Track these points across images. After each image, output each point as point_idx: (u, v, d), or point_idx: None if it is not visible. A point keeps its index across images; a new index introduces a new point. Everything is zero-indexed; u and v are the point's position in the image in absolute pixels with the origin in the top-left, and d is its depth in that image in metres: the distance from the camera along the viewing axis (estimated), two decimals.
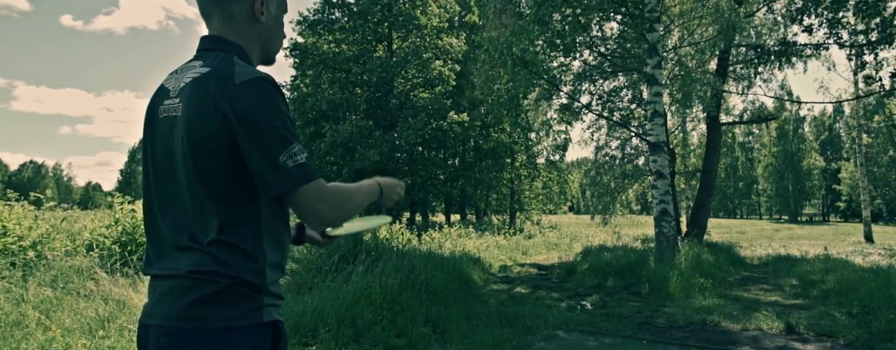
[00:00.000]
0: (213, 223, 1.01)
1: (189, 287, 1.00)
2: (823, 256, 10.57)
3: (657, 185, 8.98)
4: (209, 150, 1.00)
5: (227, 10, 1.11)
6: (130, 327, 3.29)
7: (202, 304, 0.99)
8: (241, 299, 1.01)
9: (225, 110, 0.98)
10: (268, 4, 1.14)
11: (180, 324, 1.00)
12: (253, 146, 0.98)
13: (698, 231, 12.21)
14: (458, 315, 5.25)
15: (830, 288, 7.07)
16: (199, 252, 1.01)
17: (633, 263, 8.41)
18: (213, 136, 0.99)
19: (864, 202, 20.14)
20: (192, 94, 1.03)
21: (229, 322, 0.99)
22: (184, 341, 0.99)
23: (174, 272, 1.03)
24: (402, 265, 5.65)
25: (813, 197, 54.23)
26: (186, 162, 1.03)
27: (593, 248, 11.90)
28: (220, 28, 1.13)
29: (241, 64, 1.06)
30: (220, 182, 1.01)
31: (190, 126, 1.02)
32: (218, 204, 1.02)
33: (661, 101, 9.18)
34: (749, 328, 5.00)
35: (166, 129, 1.07)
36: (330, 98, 19.44)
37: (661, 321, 5.40)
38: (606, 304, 6.57)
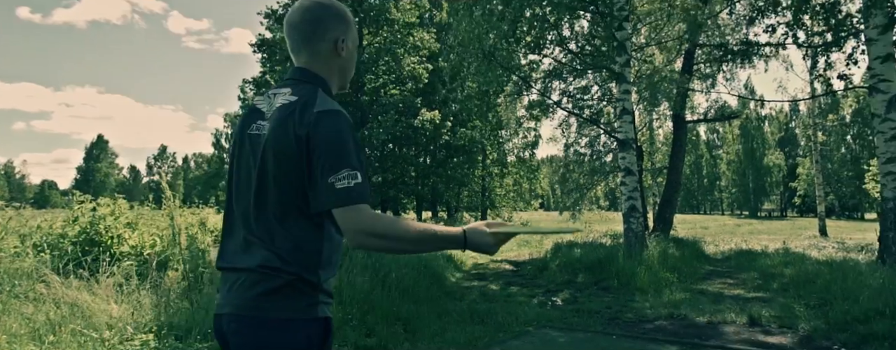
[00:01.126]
0: (282, 228, 1.17)
1: (256, 281, 1.16)
2: (782, 250, 10.96)
3: (626, 182, 9.13)
4: (287, 166, 1.16)
5: (314, 48, 1.30)
6: (83, 332, 3.11)
7: (266, 296, 1.14)
8: (300, 295, 1.15)
9: (300, 134, 1.15)
10: (346, 41, 1.33)
11: (246, 312, 1.15)
12: (312, 165, 1.14)
13: (665, 227, 12.50)
14: (430, 313, 5.20)
15: (789, 281, 7.32)
16: (268, 251, 1.16)
17: (603, 259, 8.53)
18: (290, 154, 1.16)
19: (820, 198, 21.02)
20: (278, 117, 1.21)
21: (288, 314, 1.14)
22: (249, 328, 1.15)
23: (245, 266, 1.18)
24: (372, 264, 5.56)
25: (772, 193, 56.42)
26: (266, 174, 1.20)
27: (564, 244, 12.05)
28: (307, 62, 1.31)
29: (322, 96, 1.23)
30: (292, 194, 1.17)
31: (274, 144, 1.19)
32: (288, 212, 1.18)
33: (630, 98, 9.33)
34: (715, 321, 5.11)
35: (253, 145, 1.25)
36: None
37: (631, 316, 5.48)
38: (577, 300, 6.63)
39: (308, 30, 1.30)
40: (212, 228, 6.82)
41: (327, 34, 1.30)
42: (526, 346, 4.24)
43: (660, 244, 9.74)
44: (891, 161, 7.20)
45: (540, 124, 23.24)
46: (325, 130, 1.15)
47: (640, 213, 9.19)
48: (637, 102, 13.06)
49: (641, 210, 9.28)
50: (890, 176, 7.20)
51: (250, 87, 22.54)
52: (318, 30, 1.30)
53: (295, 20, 1.31)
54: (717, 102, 13.39)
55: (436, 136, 20.36)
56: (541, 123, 22.80)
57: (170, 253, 4.57)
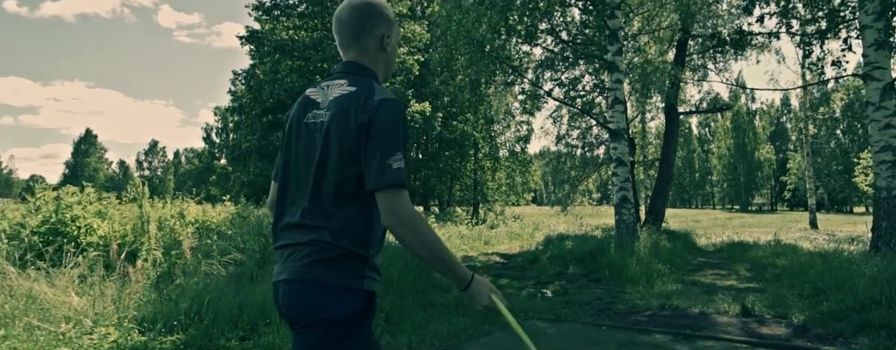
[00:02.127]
0: (336, 208, 1.27)
1: (309, 252, 1.26)
2: (774, 242, 10.89)
3: (617, 173, 8.99)
4: (348, 152, 1.25)
5: (363, 44, 1.41)
6: (38, 325, 2.91)
7: (317, 264, 1.25)
8: (349, 266, 1.25)
9: (362, 121, 1.24)
10: (390, 37, 1.45)
11: (298, 277, 1.25)
12: (369, 147, 1.23)
13: (656, 219, 12.40)
14: (415, 305, 5.04)
15: (782, 271, 7.22)
16: (322, 229, 1.26)
17: (594, 251, 8.41)
18: (351, 140, 1.25)
19: (810, 191, 21.05)
20: (339, 107, 1.30)
21: (337, 282, 1.23)
22: (299, 292, 1.25)
23: (300, 241, 1.28)
24: None
25: (763, 187, 56.74)
26: (326, 159, 1.28)
27: (555, 236, 11.93)
28: (356, 56, 1.42)
29: (378, 87, 1.34)
30: (349, 177, 1.26)
31: (337, 131, 1.27)
32: (343, 194, 1.27)
33: (622, 88, 9.17)
34: (707, 311, 4.98)
35: (311, 132, 1.33)
36: (288, 86, 18.77)
37: (622, 307, 5.34)
38: (567, 292, 6.50)
39: (357, 27, 1.40)
40: (192, 220, 6.61)
41: (375, 30, 1.41)
42: (511, 337, 4.07)
43: (651, 235, 9.63)
44: (884, 150, 7.09)
45: (533, 118, 23.11)
46: (384, 116, 1.25)
47: (632, 204, 9.06)
48: (629, 94, 12.91)
49: (633, 201, 9.15)
50: (883, 165, 7.09)
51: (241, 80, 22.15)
52: (367, 27, 1.40)
53: (344, 18, 1.41)
54: (709, 94, 13.29)
55: (427, 128, 20.10)
56: (534, 117, 22.73)
57: (139, 243, 4.36)
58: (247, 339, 3.33)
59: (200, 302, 3.43)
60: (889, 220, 6.96)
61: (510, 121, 22.36)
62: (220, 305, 3.42)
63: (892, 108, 7.09)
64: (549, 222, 19.98)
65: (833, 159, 47.72)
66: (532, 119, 23.33)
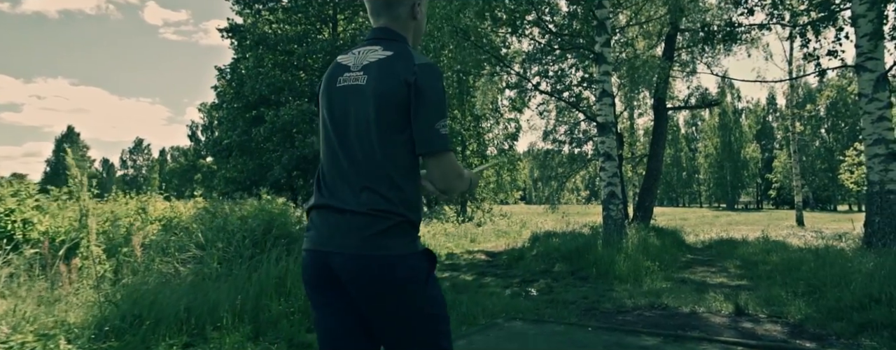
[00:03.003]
0: (387, 171, 1.29)
1: (369, 223, 1.28)
2: (763, 239, 10.73)
3: (605, 168, 8.73)
4: (393, 114, 1.29)
5: (394, 11, 1.42)
6: None
7: (380, 235, 1.28)
8: (406, 234, 1.31)
9: (409, 81, 1.29)
10: (421, 5, 1.47)
11: (364, 251, 1.28)
12: (420, 111, 1.28)
13: (645, 215, 12.19)
14: None
15: (773, 268, 7.01)
16: (376, 194, 1.28)
17: (581, 248, 8.15)
18: (397, 97, 1.29)
19: (797, 188, 21.04)
20: (380, 70, 1.33)
21: (401, 249, 1.30)
22: (368, 264, 1.28)
23: (353, 208, 1.29)
24: None
25: (749, 186, 57.17)
26: (369, 122, 1.31)
27: (542, 234, 11.68)
28: (387, 23, 1.42)
29: (414, 51, 1.37)
30: (395, 139, 1.29)
31: (380, 94, 1.30)
32: (390, 154, 1.29)
33: (610, 80, 8.91)
34: (698, 310, 4.72)
35: (345, 95, 1.36)
36: (271, 81, 18.29)
37: (608, 306, 5.06)
38: (552, 290, 6.22)
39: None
40: (159, 217, 6.22)
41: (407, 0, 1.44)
42: (491, 340, 3.77)
43: (640, 232, 9.40)
44: (877, 143, 6.90)
45: (520, 114, 22.84)
46: (430, 81, 1.29)
47: (620, 200, 8.80)
48: (618, 88, 12.68)
49: (621, 197, 8.90)
50: (876, 158, 6.90)
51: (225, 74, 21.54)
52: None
53: None
54: (698, 89, 13.10)
55: None
56: (522, 114, 22.44)
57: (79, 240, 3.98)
58: (191, 345, 2.98)
59: (142, 304, 3.08)
60: (882, 215, 6.78)
61: (499, 118, 22.10)
62: (166, 308, 3.07)
63: (885, 99, 6.90)
64: (537, 220, 19.72)
65: (818, 158, 48.19)
66: (520, 116, 23.09)
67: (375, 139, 1.29)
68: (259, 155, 18.55)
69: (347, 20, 20.32)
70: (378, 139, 1.29)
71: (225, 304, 3.29)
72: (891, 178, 6.79)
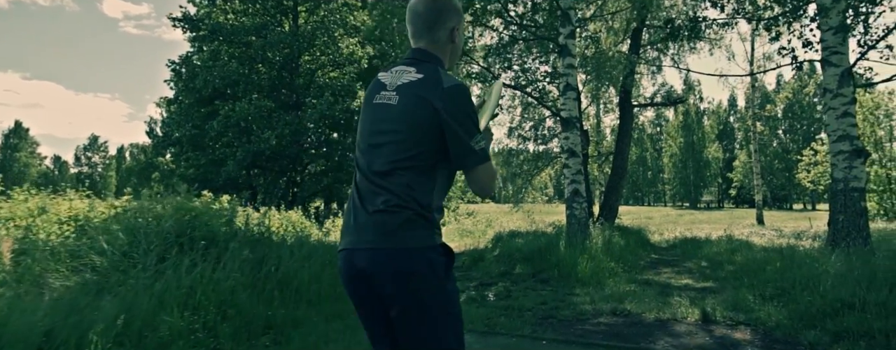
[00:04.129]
0: (404, 178, 1.43)
1: (386, 219, 1.40)
2: (726, 238, 10.62)
3: (569, 165, 8.38)
4: (421, 131, 1.42)
5: (434, 35, 1.56)
6: None
7: (398, 229, 1.40)
8: (422, 228, 1.42)
9: (437, 106, 1.41)
10: (459, 29, 1.61)
11: (383, 245, 1.40)
12: (452, 132, 1.41)
13: (610, 214, 11.96)
14: (322, 316, 4.17)
15: (738, 268, 6.78)
16: (391, 194, 1.42)
17: (544, 248, 7.76)
18: (426, 121, 1.42)
19: (757, 187, 21.36)
20: (411, 92, 1.46)
21: (418, 242, 1.41)
22: (388, 257, 1.40)
23: (374, 209, 1.43)
24: (253, 257, 4.46)
25: (710, 185, 58.62)
26: (397, 136, 1.44)
27: (506, 234, 11.31)
28: (426, 45, 1.56)
29: (444, 73, 1.49)
30: (417, 152, 1.43)
31: (407, 113, 1.44)
32: (410, 167, 1.43)
33: (574, 74, 8.56)
34: (664, 318, 4.35)
35: (379, 112, 1.50)
36: (225, 74, 17.35)
37: (568, 313, 4.65)
38: (510, 294, 5.79)
39: (431, 18, 1.54)
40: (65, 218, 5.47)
41: (447, 24, 1.55)
42: None
43: (604, 232, 9.10)
44: (842, 139, 6.73)
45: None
46: (458, 104, 1.42)
47: (584, 198, 8.47)
48: (584, 84, 12.41)
49: (585, 195, 8.56)
50: (840, 155, 6.73)
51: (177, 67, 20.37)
52: (440, 20, 1.55)
53: (420, 10, 1.54)
54: (663, 87, 12.97)
55: None
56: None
57: None
58: None
59: None
60: (846, 214, 6.61)
61: None
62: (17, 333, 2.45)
63: (849, 95, 6.73)
64: (503, 219, 19.40)
65: (776, 158, 49.73)
66: None
67: (401, 153, 1.43)
68: (213, 151, 17.60)
69: (309, 12, 19.52)
70: (404, 153, 1.42)
71: (102, 324, 2.69)
72: (855, 176, 6.63)
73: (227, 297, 3.64)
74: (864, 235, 6.52)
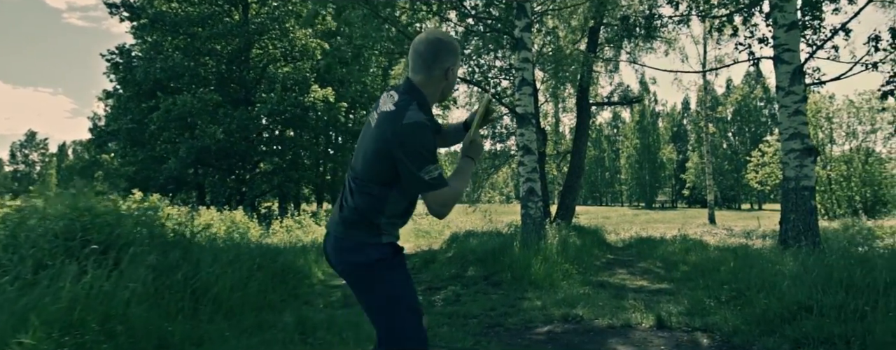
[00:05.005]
0: (366, 189, 1.73)
1: (345, 218, 1.76)
2: (680, 237, 10.62)
3: (524, 162, 8.08)
4: (379, 156, 1.67)
5: (431, 72, 1.75)
6: None
7: (347, 226, 1.75)
8: (365, 229, 1.73)
9: (391, 139, 1.63)
10: (454, 69, 1.80)
11: (340, 237, 1.76)
12: (405, 164, 1.63)
13: (566, 214, 11.80)
14: (239, 329, 3.66)
15: (692, 269, 6.65)
16: (355, 201, 1.74)
17: (497, 249, 7.42)
18: (383, 149, 1.66)
19: (709, 187, 21.87)
20: (380, 121, 1.71)
21: (362, 239, 1.74)
22: (340, 245, 1.77)
23: (343, 208, 1.78)
24: (164, 262, 3.90)
25: (665, 185, 60.37)
26: (367, 155, 1.72)
27: (462, 234, 10.97)
28: (418, 79, 1.76)
29: (413, 109, 1.65)
30: (376, 175, 1.71)
31: (374, 139, 1.70)
32: (368, 184, 1.72)
33: (530, 68, 8.28)
34: (616, 324, 4.06)
35: (364, 129, 1.81)
36: (168, 66, 16.31)
37: (516, 320, 4.30)
38: (459, 299, 5.42)
39: (429, 59, 1.73)
40: None
41: (443, 64, 1.75)
42: None
43: (560, 232, 8.87)
44: (793, 137, 6.70)
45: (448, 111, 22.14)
46: (411, 140, 1.60)
47: (540, 196, 8.19)
48: (542, 81, 12.21)
49: (540, 193, 8.29)
50: (792, 154, 6.70)
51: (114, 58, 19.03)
52: (437, 60, 1.74)
53: (421, 50, 1.74)
54: (620, 86, 12.94)
55: (333, 118, 18.39)
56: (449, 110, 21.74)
57: None
58: None
59: None
60: (797, 213, 6.57)
61: None
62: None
63: (801, 93, 6.71)
64: (461, 219, 19.09)
65: (725, 159, 51.61)
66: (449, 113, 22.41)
67: (367, 171, 1.72)
68: (151, 148, 16.51)
69: (260, 3, 18.65)
70: (368, 171, 1.72)
71: None
72: (805, 175, 6.60)
73: (119, 311, 3.09)
74: (813, 234, 6.50)
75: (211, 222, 9.19)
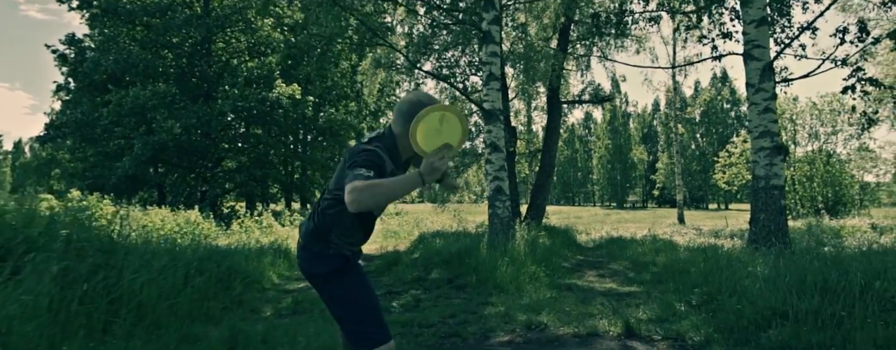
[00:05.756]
0: (323, 210, 2.00)
1: (307, 231, 2.01)
2: (650, 237, 10.50)
3: (491, 160, 7.77)
4: (338, 178, 1.94)
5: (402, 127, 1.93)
6: None
7: (308, 238, 2.00)
8: (322, 241, 1.98)
9: (344, 159, 1.90)
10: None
11: (301, 245, 2.02)
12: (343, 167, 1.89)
13: (537, 214, 11.57)
14: (160, 344, 3.22)
15: (662, 270, 6.45)
16: (313, 221, 2.00)
17: (463, 251, 7.09)
18: (339, 170, 1.95)
19: (679, 187, 22.05)
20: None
21: (316, 251, 1.98)
22: (301, 255, 2.02)
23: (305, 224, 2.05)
24: (78, 268, 3.42)
25: (636, 186, 61.29)
26: (335, 179, 1.98)
27: (430, 234, 10.62)
28: (397, 128, 1.95)
29: (373, 141, 1.93)
30: (334, 194, 1.95)
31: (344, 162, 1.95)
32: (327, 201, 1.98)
33: (498, 62, 7.98)
34: (582, 333, 3.76)
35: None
36: (121, 57, 15.46)
37: (475, 329, 3.96)
38: (419, 305, 5.07)
39: (408, 114, 1.90)
40: None
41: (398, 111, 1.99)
42: None
43: (530, 232, 8.61)
44: (763, 135, 6.57)
45: None
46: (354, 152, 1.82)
47: (508, 196, 7.90)
48: (512, 78, 11.96)
49: (509, 193, 8.00)
50: (762, 152, 6.57)
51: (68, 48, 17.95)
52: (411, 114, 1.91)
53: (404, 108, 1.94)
54: (591, 84, 12.81)
55: (300, 115, 17.78)
56: None
57: None
58: None
59: None
60: (767, 212, 6.44)
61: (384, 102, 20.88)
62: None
63: (770, 90, 6.58)
64: (432, 220, 18.72)
65: (693, 160, 52.66)
66: None
67: (333, 187, 1.97)
68: (105, 143, 15.61)
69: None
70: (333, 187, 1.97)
71: None
72: (775, 173, 6.48)
73: (1, 328, 2.62)
74: (783, 235, 6.38)
75: (157, 223, 8.60)
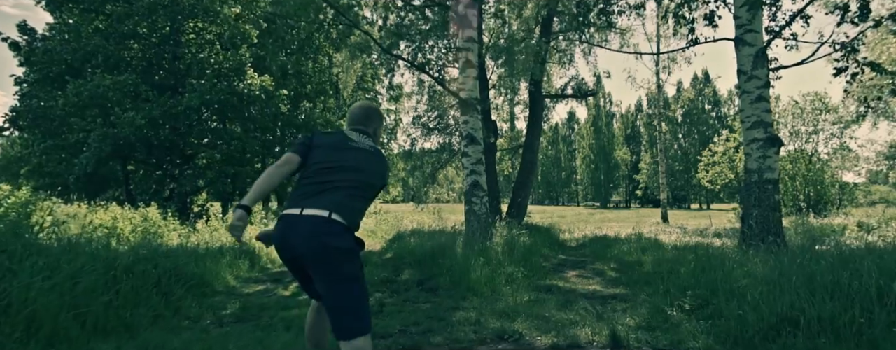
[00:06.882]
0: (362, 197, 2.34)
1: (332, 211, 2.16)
2: (635, 236, 10.10)
3: (468, 153, 7.25)
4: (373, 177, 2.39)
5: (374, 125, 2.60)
6: None
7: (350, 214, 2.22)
8: (356, 222, 2.25)
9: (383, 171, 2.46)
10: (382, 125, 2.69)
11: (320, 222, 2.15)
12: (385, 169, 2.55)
13: (519, 212, 11.09)
14: None
15: (650, 270, 5.99)
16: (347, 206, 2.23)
17: (437, 250, 6.57)
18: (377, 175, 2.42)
19: (663, 186, 21.82)
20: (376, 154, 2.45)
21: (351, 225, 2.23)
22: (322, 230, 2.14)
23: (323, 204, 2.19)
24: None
25: (619, 185, 61.41)
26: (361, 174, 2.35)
27: (407, 233, 10.09)
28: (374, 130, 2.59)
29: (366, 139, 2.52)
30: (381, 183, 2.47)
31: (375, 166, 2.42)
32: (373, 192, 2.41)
33: (475, 49, 7.47)
34: (561, 344, 3.25)
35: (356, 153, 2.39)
36: (79, 46, 14.58)
37: (441, 339, 3.43)
38: (383, 310, 4.54)
39: (377, 120, 2.60)
40: None
41: (380, 122, 2.62)
42: None
43: (510, 230, 8.11)
44: (756, 126, 6.15)
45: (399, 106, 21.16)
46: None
47: (486, 191, 7.39)
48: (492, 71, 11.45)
49: (487, 189, 7.49)
50: (754, 144, 6.15)
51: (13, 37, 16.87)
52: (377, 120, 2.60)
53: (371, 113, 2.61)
54: (574, 79, 12.37)
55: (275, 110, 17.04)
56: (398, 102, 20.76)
57: None
58: None
59: None
60: (761, 208, 6.02)
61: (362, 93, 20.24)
62: None
63: (764, 77, 6.17)
64: (412, 218, 18.17)
65: (676, 160, 52.87)
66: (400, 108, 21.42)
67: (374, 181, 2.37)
68: (61, 137, 14.72)
69: None
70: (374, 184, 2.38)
71: None
72: (769, 166, 6.07)
73: None
74: (778, 232, 5.97)
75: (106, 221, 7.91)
